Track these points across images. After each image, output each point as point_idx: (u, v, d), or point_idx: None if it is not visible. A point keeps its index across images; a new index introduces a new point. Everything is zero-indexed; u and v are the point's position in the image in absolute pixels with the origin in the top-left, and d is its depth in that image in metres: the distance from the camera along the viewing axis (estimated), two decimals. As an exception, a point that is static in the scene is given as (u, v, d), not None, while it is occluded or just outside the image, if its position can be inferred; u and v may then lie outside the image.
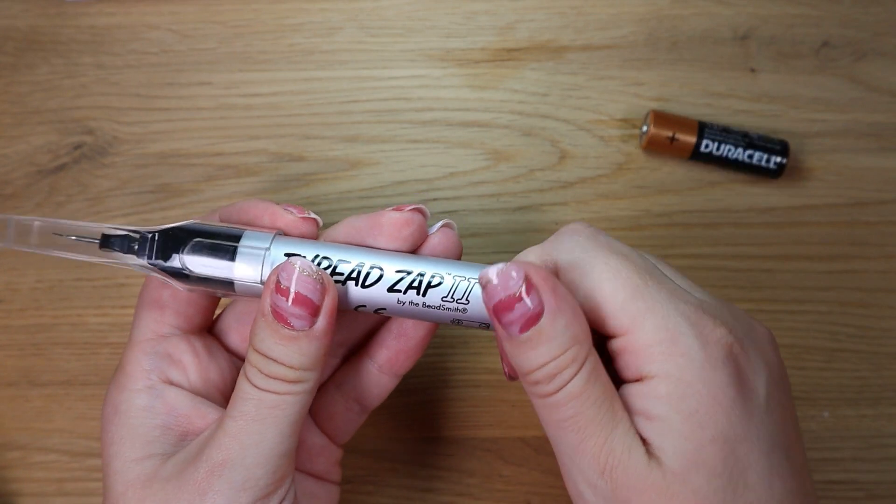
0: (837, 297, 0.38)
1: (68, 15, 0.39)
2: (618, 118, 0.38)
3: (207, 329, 0.30)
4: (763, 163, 0.34)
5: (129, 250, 0.26)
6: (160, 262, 0.26)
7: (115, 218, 0.38)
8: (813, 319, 0.38)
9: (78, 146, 0.39)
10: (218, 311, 0.31)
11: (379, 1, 0.39)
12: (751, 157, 0.34)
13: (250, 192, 0.38)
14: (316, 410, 0.30)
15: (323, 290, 0.25)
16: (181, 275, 0.26)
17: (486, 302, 0.24)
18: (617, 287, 0.24)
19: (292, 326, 0.24)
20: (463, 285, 0.26)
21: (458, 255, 0.28)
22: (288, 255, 0.26)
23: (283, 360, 0.24)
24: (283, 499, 0.26)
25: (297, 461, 0.29)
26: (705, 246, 0.38)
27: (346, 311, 0.27)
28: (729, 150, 0.34)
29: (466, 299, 0.26)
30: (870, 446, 0.37)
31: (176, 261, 0.26)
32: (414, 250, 0.27)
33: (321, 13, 0.39)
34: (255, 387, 0.25)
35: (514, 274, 0.23)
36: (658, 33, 0.39)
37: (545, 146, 0.38)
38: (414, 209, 0.27)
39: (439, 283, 0.26)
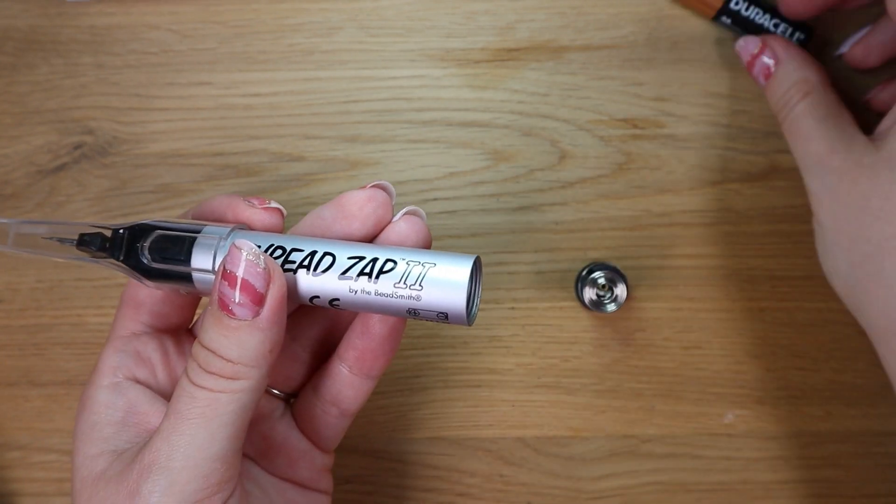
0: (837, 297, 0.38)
1: (68, 15, 0.39)
2: (618, 118, 0.38)
3: (188, 329, 0.30)
4: (787, 35, 0.36)
5: (103, 248, 0.26)
6: (127, 258, 0.26)
7: (114, 218, 0.38)
8: (813, 319, 0.38)
9: (78, 146, 0.39)
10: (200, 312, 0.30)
11: (379, 1, 0.39)
12: (776, 25, 0.36)
13: (250, 192, 0.38)
14: (298, 414, 0.30)
15: (268, 278, 0.23)
16: (147, 271, 0.26)
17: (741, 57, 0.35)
18: None
19: (235, 315, 0.23)
20: (416, 270, 0.24)
21: (425, 245, 0.27)
22: None
23: (222, 353, 0.23)
24: None
25: (278, 468, 0.29)
26: (705, 246, 0.38)
27: (301, 305, 0.26)
28: (757, 14, 0.36)
29: (419, 285, 0.23)
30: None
31: (137, 255, 0.26)
32: (378, 232, 0.27)
33: (321, 13, 0.39)
34: (192, 383, 0.24)
35: (753, 42, 0.35)
36: (658, 33, 0.39)
37: (545, 146, 0.38)
38: (375, 185, 0.27)
39: (391, 269, 0.24)
